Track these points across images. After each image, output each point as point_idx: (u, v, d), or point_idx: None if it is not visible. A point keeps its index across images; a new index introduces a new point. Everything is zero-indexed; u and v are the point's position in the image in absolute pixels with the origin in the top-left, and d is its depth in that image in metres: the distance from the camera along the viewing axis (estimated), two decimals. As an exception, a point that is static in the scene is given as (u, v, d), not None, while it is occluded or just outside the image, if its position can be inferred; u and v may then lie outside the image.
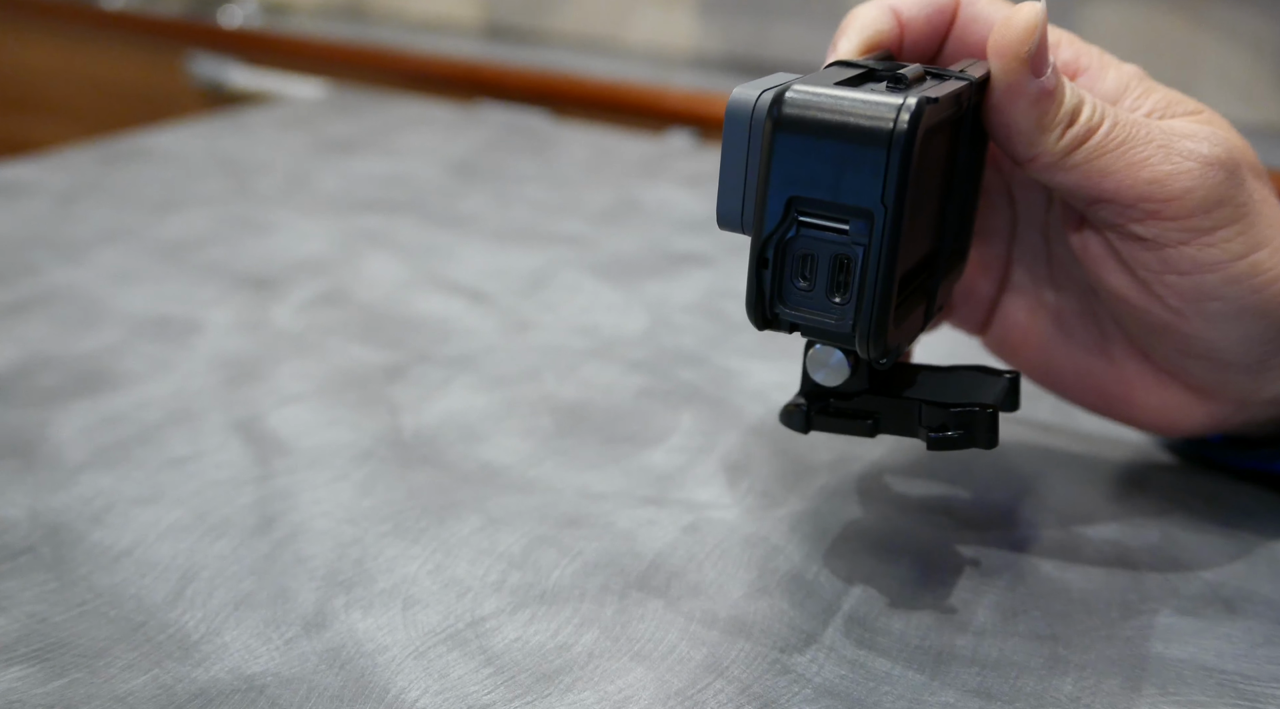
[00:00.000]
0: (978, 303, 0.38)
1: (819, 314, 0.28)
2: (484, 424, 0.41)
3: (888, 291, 0.27)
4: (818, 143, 0.26)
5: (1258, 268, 0.30)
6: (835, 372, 0.30)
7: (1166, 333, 0.33)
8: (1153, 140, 0.30)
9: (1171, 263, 0.31)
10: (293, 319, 0.49)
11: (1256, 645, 0.31)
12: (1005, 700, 0.28)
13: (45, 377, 0.43)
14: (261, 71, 1.46)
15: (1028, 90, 0.29)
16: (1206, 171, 0.30)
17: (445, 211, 0.65)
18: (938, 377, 0.32)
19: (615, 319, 0.51)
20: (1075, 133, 0.30)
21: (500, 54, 1.40)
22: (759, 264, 0.28)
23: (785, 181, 0.27)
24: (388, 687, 0.28)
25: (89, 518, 0.35)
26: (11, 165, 0.70)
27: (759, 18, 1.40)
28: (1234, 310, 0.31)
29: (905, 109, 0.25)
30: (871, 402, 0.31)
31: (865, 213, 0.26)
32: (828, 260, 0.27)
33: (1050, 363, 0.37)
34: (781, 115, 0.26)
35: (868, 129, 0.26)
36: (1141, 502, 0.37)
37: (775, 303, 0.28)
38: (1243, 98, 1.18)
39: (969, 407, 0.30)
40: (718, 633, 0.30)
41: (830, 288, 0.27)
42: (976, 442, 0.30)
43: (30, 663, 0.29)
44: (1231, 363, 0.32)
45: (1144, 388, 0.35)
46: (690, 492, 0.37)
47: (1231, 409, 0.34)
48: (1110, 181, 0.30)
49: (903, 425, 0.31)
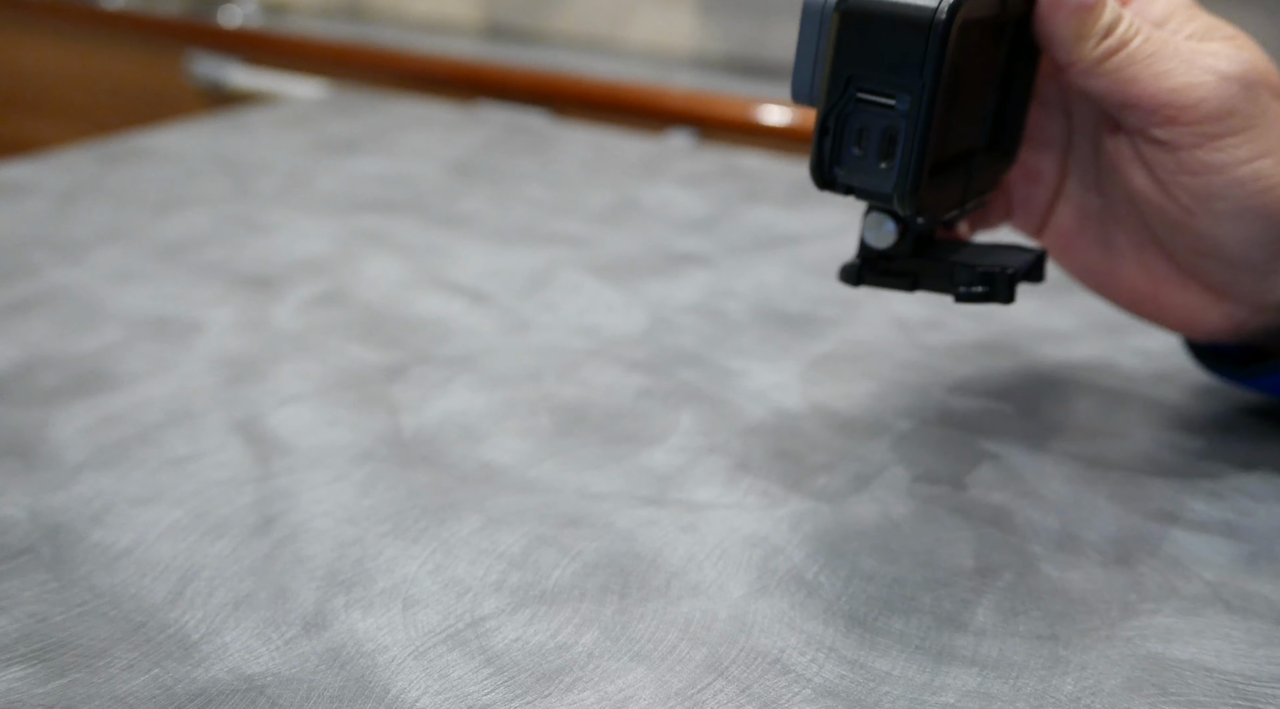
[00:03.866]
0: (1036, 207, 0.41)
1: (869, 177, 0.32)
2: (484, 424, 0.41)
3: (922, 155, 0.31)
4: (873, 29, 0.31)
5: (1260, 173, 0.34)
6: (885, 235, 0.35)
7: (1181, 230, 0.36)
8: (1178, 55, 0.34)
9: (1184, 164, 0.34)
10: (293, 319, 0.49)
11: (1256, 645, 0.31)
12: (1005, 700, 0.28)
13: (45, 377, 0.43)
14: (261, 71, 1.46)
15: (1069, 2, 0.34)
16: (1221, 84, 0.33)
17: (445, 211, 0.65)
18: (975, 247, 0.37)
19: (615, 319, 0.51)
20: (1109, 44, 0.34)
21: (500, 54, 1.40)
22: (821, 132, 0.33)
23: (845, 62, 0.32)
24: (388, 687, 0.28)
25: (89, 518, 0.35)
26: (11, 165, 0.70)
27: (759, 18, 1.39)
28: (1237, 210, 0.34)
29: (945, 2, 0.30)
30: (914, 263, 0.36)
31: (909, 88, 0.31)
32: (878, 132, 0.32)
33: (1093, 264, 0.40)
34: (846, 7, 0.31)
35: (913, 18, 0.31)
36: (1141, 501, 0.37)
37: (834, 166, 0.33)
38: (1243, 98, 1.18)
39: (993, 267, 0.35)
40: (718, 633, 0.30)
41: (879, 154, 0.32)
42: (997, 297, 0.35)
43: (30, 663, 0.29)
44: (1239, 261, 0.36)
45: (1169, 287, 0.39)
46: (690, 492, 0.37)
47: (1247, 311, 0.38)
48: (1136, 88, 0.34)
49: (938, 283, 0.35)
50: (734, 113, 1.14)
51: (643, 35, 1.47)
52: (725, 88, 1.23)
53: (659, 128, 1.17)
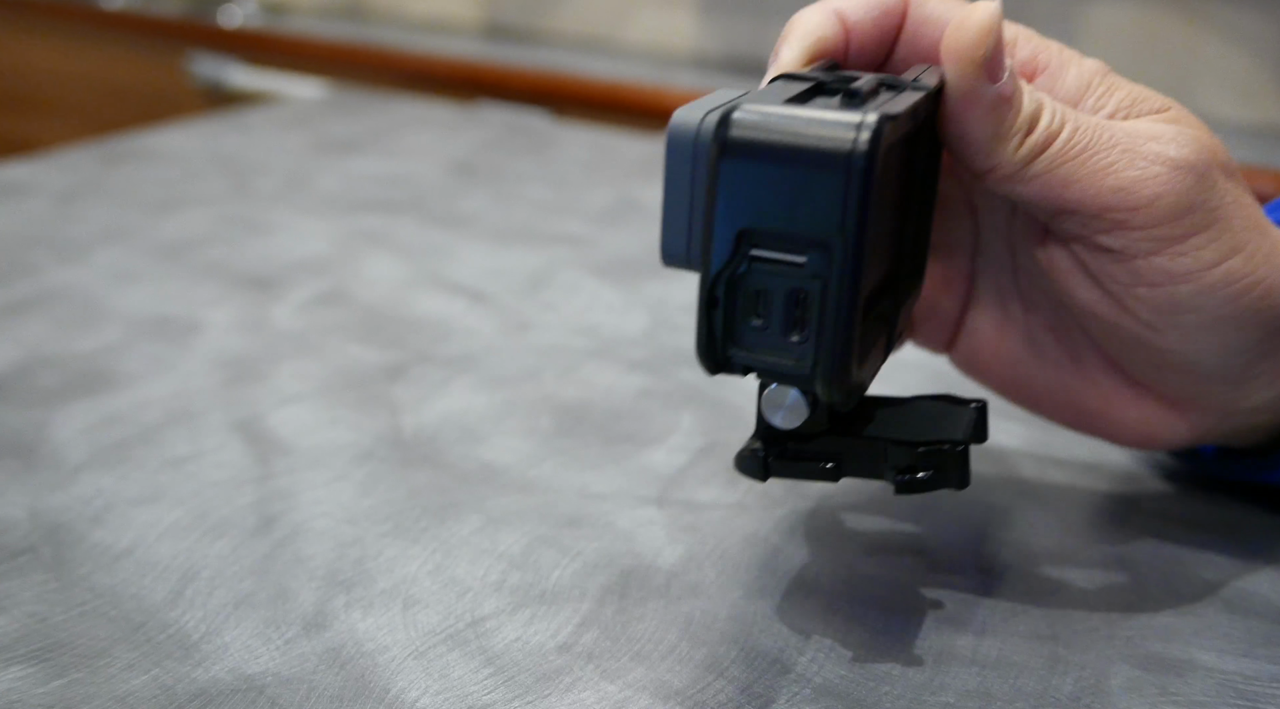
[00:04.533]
0: (942, 320, 0.35)
1: (776, 354, 0.25)
2: (484, 424, 0.41)
3: (850, 328, 0.24)
4: (769, 168, 0.24)
5: (1232, 276, 0.29)
6: (793, 413, 0.27)
7: (1141, 347, 0.31)
8: (1116, 144, 0.28)
9: (1142, 274, 0.29)
10: (293, 319, 0.49)
11: (1256, 645, 0.31)
12: (1005, 700, 0.28)
13: (45, 376, 0.43)
14: (261, 71, 1.46)
15: (984, 97, 0.28)
16: (1175, 176, 0.28)
17: (445, 211, 0.65)
18: (899, 410, 0.30)
19: (615, 319, 0.51)
20: (1034, 141, 0.28)
21: (500, 54, 1.40)
22: (708, 303, 0.25)
23: (734, 212, 0.24)
24: (388, 687, 0.28)
25: (89, 518, 0.35)
26: (11, 165, 0.70)
27: (759, 18, 1.40)
28: (1210, 322, 0.29)
29: (864, 128, 0.23)
30: (832, 443, 0.29)
31: (823, 243, 0.24)
32: (783, 296, 0.25)
33: (1022, 379, 0.35)
34: (729, 138, 0.24)
35: (824, 151, 0.23)
36: (1141, 501, 0.37)
37: (727, 344, 0.26)
38: (1243, 98, 1.18)
39: (937, 444, 0.28)
40: (718, 633, 0.30)
41: (786, 325, 0.25)
42: (948, 482, 0.29)
43: (30, 663, 0.29)
44: (1210, 375, 0.31)
45: (1121, 402, 0.33)
46: (690, 492, 0.37)
47: (1214, 420, 0.33)
48: (1073, 191, 0.28)
49: (868, 467, 0.29)
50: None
51: (643, 35, 1.47)
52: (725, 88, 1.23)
53: (659, 128, 1.17)
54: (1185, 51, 1.19)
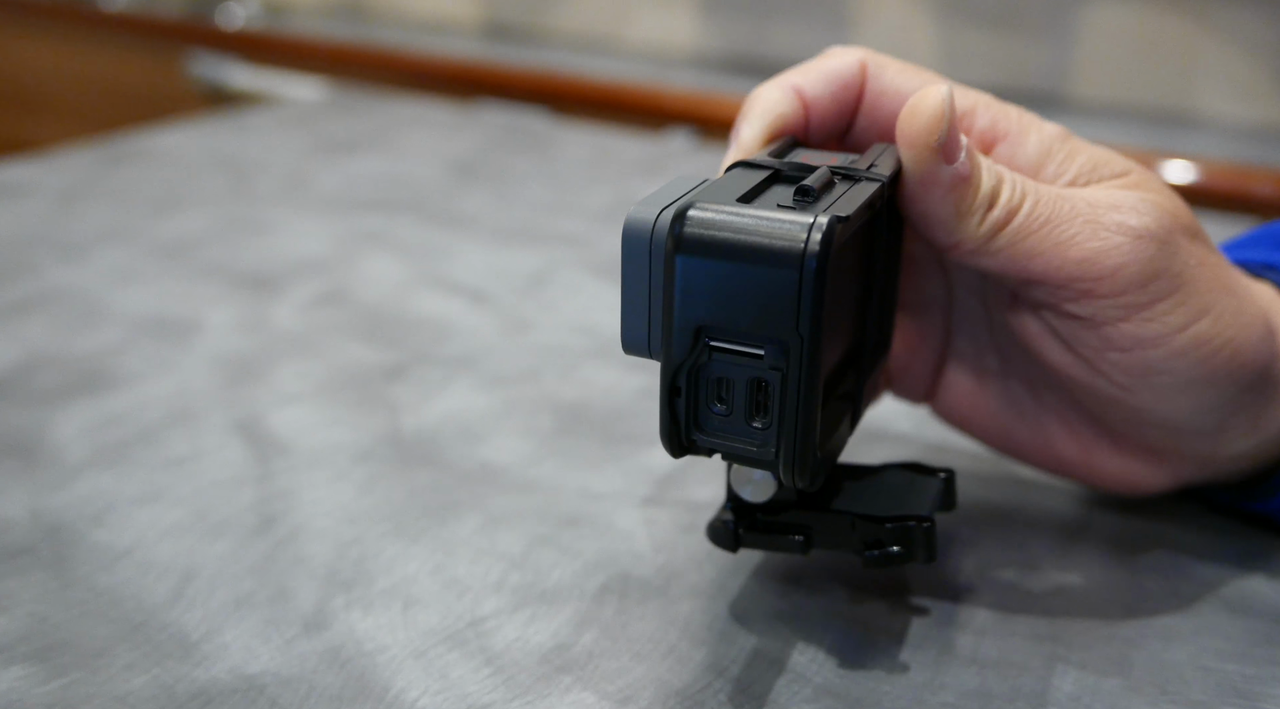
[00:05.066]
0: (919, 373, 0.35)
1: (739, 439, 0.26)
2: (484, 424, 0.41)
3: (810, 417, 0.25)
4: (723, 266, 0.24)
5: (1201, 338, 0.29)
6: (761, 487, 0.28)
7: (1116, 405, 0.31)
8: (1078, 215, 0.28)
9: (1112, 340, 0.29)
10: (293, 319, 0.49)
11: (1256, 645, 0.31)
12: (1005, 700, 0.28)
13: (45, 376, 0.43)
14: (261, 71, 1.46)
15: (942, 179, 0.28)
16: (1137, 245, 0.28)
17: (445, 211, 0.65)
18: (867, 482, 0.31)
19: (615, 319, 0.51)
20: (995, 217, 0.28)
21: (500, 54, 1.40)
22: (671, 393, 0.26)
23: (691, 308, 0.25)
24: (388, 686, 0.28)
25: (89, 518, 0.35)
26: (11, 165, 0.70)
27: (759, 18, 1.40)
28: (1182, 383, 0.30)
29: (816, 229, 0.24)
30: (801, 515, 0.30)
31: (779, 340, 0.25)
32: (744, 384, 0.25)
33: (1002, 430, 0.35)
34: (683, 236, 0.25)
35: (776, 252, 0.24)
36: (1141, 502, 0.37)
37: (691, 429, 0.26)
38: (1243, 98, 1.18)
39: (904, 520, 0.29)
40: (718, 633, 0.30)
41: (749, 412, 0.26)
42: (914, 556, 0.29)
43: (30, 663, 0.29)
44: (1187, 430, 0.31)
45: (1101, 453, 0.34)
46: (690, 492, 0.37)
47: (1193, 469, 0.33)
48: (1038, 263, 0.28)
49: (836, 539, 0.30)
50: (734, 113, 1.14)
51: (643, 35, 1.47)
52: (725, 88, 1.23)
53: (659, 128, 1.17)
54: (1185, 51, 1.19)
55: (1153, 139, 1.10)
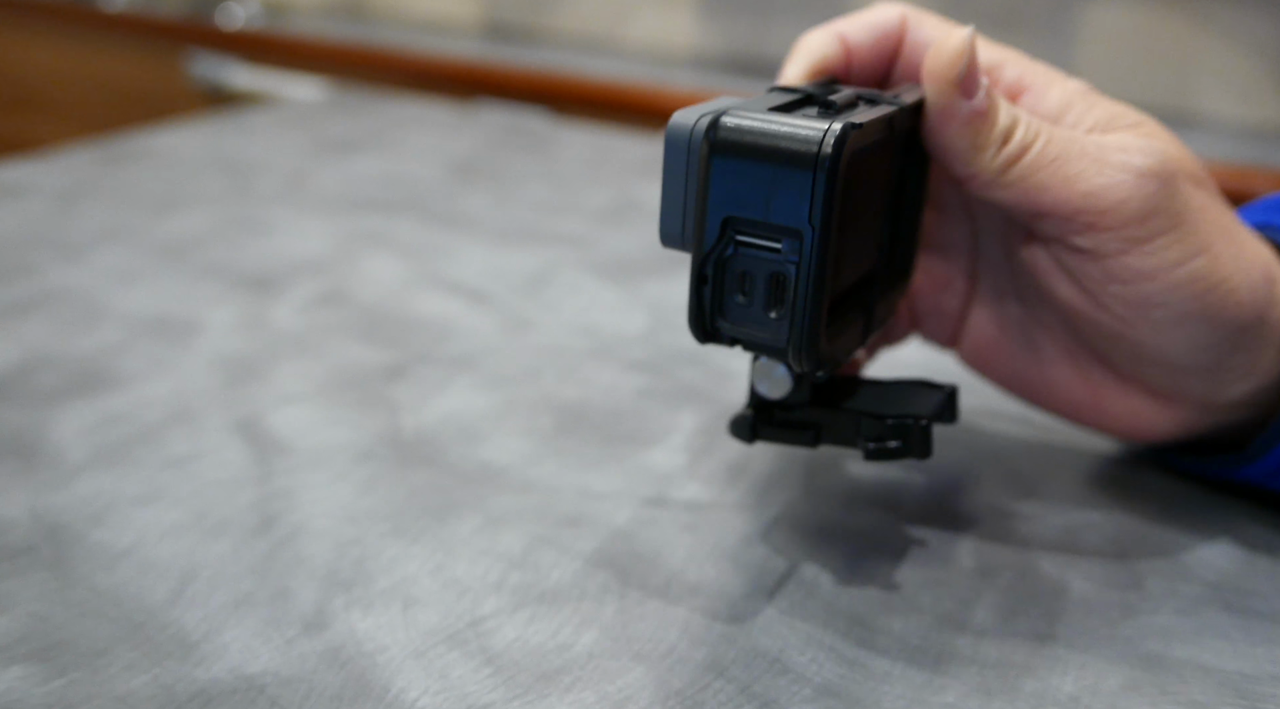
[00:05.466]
0: (946, 316, 0.38)
1: (757, 328, 0.29)
2: (484, 424, 0.41)
3: (818, 307, 0.28)
4: (750, 165, 0.27)
5: (1196, 274, 0.31)
6: (778, 384, 0.31)
7: (1119, 340, 0.33)
8: (1086, 154, 0.31)
9: (1113, 272, 0.31)
10: (293, 319, 0.49)
11: (1256, 645, 0.31)
12: (1005, 700, 0.28)
13: (45, 376, 0.43)
14: (261, 71, 1.46)
15: (959, 112, 0.31)
16: (1140, 182, 0.30)
17: (445, 211, 0.65)
18: (878, 390, 0.33)
19: (615, 319, 0.51)
20: (1009, 151, 0.31)
21: (500, 54, 1.40)
22: (699, 280, 0.29)
23: (721, 202, 0.28)
24: (388, 687, 0.28)
25: (89, 518, 0.35)
26: (11, 165, 0.70)
27: (759, 18, 1.39)
28: (1177, 316, 0.31)
29: (830, 133, 0.27)
30: (814, 413, 0.32)
31: (795, 232, 0.27)
32: (764, 277, 0.28)
33: (1020, 373, 0.37)
34: (717, 139, 0.27)
35: (795, 153, 0.27)
36: (1142, 502, 0.37)
37: (716, 317, 0.29)
38: (1243, 98, 1.18)
39: (904, 418, 0.31)
40: (718, 633, 0.30)
41: (767, 303, 0.28)
42: (911, 452, 0.31)
43: (30, 663, 0.29)
44: (1184, 367, 0.33)
45: (1110, 395, 0.35)
46: (690, 492, 0.37)
47: (1196, 414, 0.35)
48: (1047, 196, 0.31)
49: (843, 436, 0.32)
50: (734, 113, 1.14)
51: (643, 35, 1.47)
52: (725, 88, 1.23)
53: (659, 128, 1.17)
54: (1185, 51, 1.19)
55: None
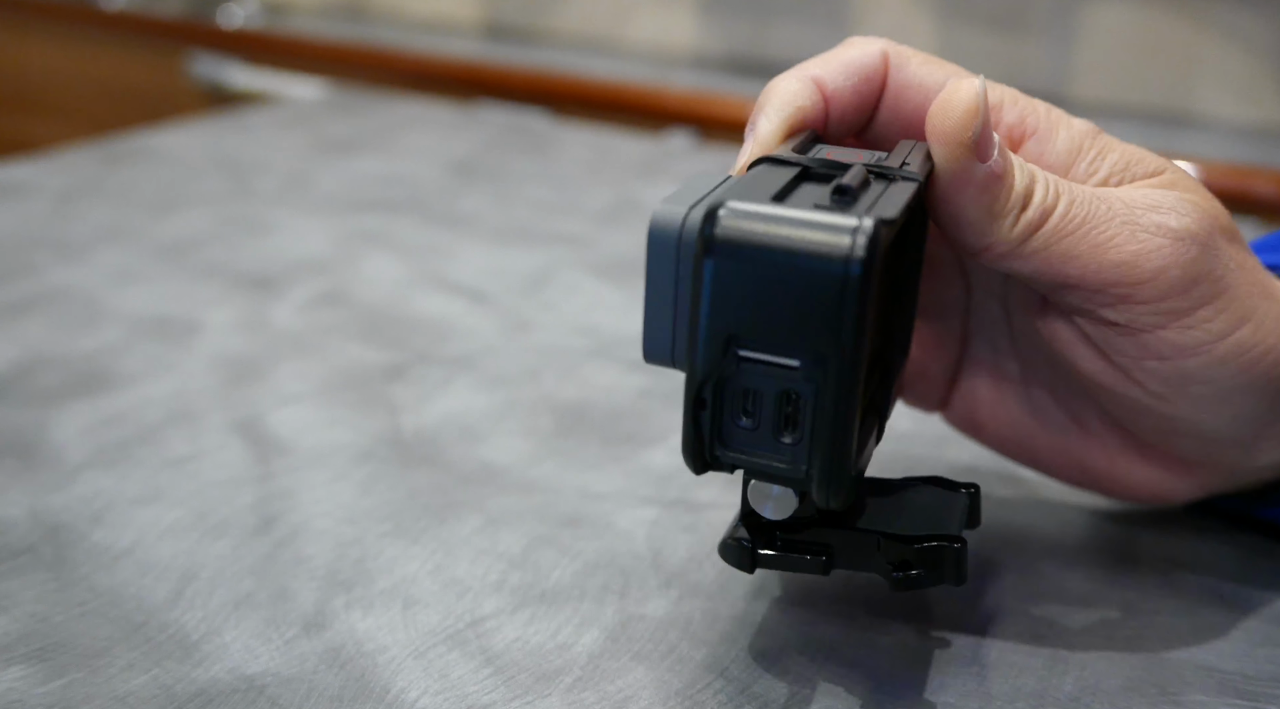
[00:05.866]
0: (934, 380, 0.34)
1: (766, 455, 0.24)
2: (484, 424, 0.41)
3: (847, 434, 0.23)
4: (758, 271, 0.22)
5: (1243, 346, 0.28)
6: (781, 504, 0.26)
7: (1149, 414, 0.30)
8: (1115, 216, 0.27)
9: (1150, 348, 0.28)
10: (293, 319, 0.49)
11: (1256, 645, 0.31)
12: (1005, 700, 0.28)
13: (45, 376, 0.43)
14: (261, 71, 1.46)
15: (975, 177, 0.26)
16: (1179, 247, 0.27)
17: (445, 211, 0.65)
18: (891, 498, 0.29)
19: (615, 319, 0.51)
20: (1030, 218, 0.27)
21: (500, 54, 1.40)
22: (695, 405, 0.24)
23: (721, 315, 0.23)
24: (388, 687, 0.28)
25: (89, 518, 0.35)
26: (11, 165, 0.70)
27: (759, 18, 1.40)
28: (1222, 393, 0.28)
29: (860, 232, 0.22)
30: (823, 533, 0.28)
31: (817, 352, 0.23)
32: (773, 396, 0.24)
33: (1022, 439, 0.34)
34: (714, 237, 0.23)
35: (818, 256, 0.22)
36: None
37: (715, 445, 0.24)
38: (1243, 98, 1.18)
39: (933, 541, 0.27)
40: (718, 633, 0.30)
41: (778, 426, 0.24)
42: (944, 578, 0.27)
43: (30, 663, 0.29)
44: (1222, 440, 0.30)
45: (1126, 463, 0.32)
46: (690, 492, 0.37)
47: (1223, 479, 0.32)
48: (1074, 266, 0.27)
49: (860, 558, 0.28)
50: (734, 113, 1.14)
51: (643, 35, 1.47)
52: (725, 88, 1.23)
53: (659, 128, 1.17)
54: (1185, 51, 1.19)
55: (1153, 139, 1.10)
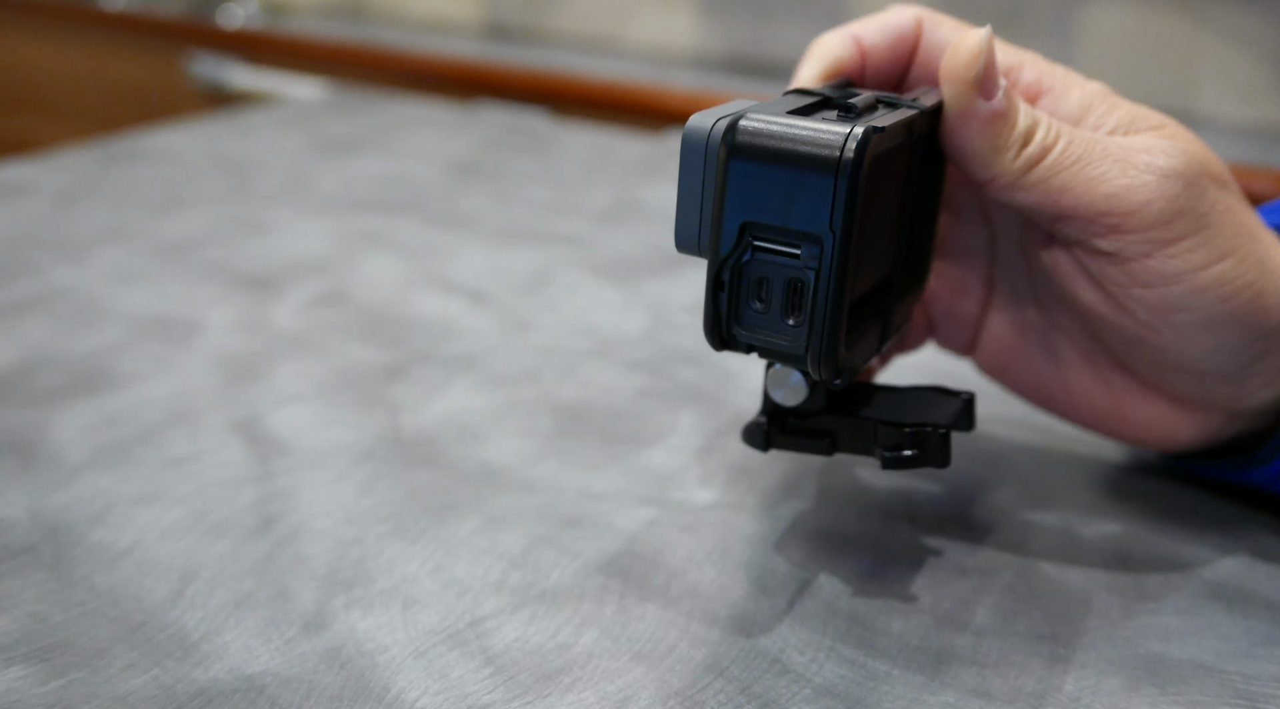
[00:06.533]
0: (962, 323, 0.37)
1: (774, 335, 0.28)
2: (484, 424, 0.41)
3: (838, 315, 0.27)
4: (769, 169, 0.27)
5: (1223, 278, 0.30)
6: (794, 391, 0.31)
7: (1142, 346, 0.32)
8: (1109, 155, 0.30)
9: (1137, 276, 0.31)
10: (293, 319, 0.49)
11: (1256, 645, 0.31)
12: (1005, 700, 0.28)
13: (45, 376, 0.43)
14: (261, 71, 1.46)
15: (978, 113, 0.30)
16: (1164, 183, 0.30)
17: (445, 211, 0.65)
18: (894, 396, 0.33)
19: (615, 319, 0.51)
20: (1030, 153, 0.30)
21: (500, 54, 1.40)
22: (715, 286, 0.28)
23: (739, 207, 0.27)
24: (388, 687, 0.28)
25: (89, 518, 0.35)
26: (11, 165, 0.70)
27: (759, 18, 1.39)
28: (1203, 320, 0.31)
29: (852, 138, 0.26)
30: (829, 421, 0.32)
31: (815, 238, 0.27)
32: (782, 283, 0.27)
33: (1039, 381, 0.36)
34: (735, 142, 0.27)
35: (816, 157, 0.26)
36: (1141, 502, 0.37)
37: (732, 324, 0.28)
38: (1243, 98, 1.18)
39: (922, 426, 0.31)
40: (718, 633, 0.30)
41: (784, 310, 0.28)
42: (929, 461, 0.31)
43: (30, 663, 0.29)
44: (1209, 373, 0.32)
45: (1131, 402, 0.35)
46: (690, 492, 0.37)
47: (1220, 420, 0.34)
48: (1069, 198, 0.30)
49: (859, 444, 0.32)
50: (734, 113, 1.14)
51: (643, 35, 1.47)
52: (725, 88, 1.23)
53: (659, 128, 1.17)
54: (1185, 51, 1.19)
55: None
